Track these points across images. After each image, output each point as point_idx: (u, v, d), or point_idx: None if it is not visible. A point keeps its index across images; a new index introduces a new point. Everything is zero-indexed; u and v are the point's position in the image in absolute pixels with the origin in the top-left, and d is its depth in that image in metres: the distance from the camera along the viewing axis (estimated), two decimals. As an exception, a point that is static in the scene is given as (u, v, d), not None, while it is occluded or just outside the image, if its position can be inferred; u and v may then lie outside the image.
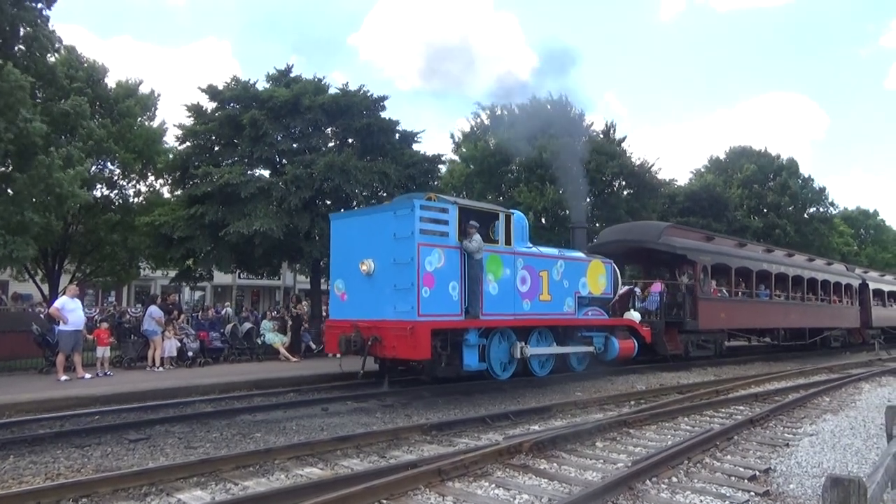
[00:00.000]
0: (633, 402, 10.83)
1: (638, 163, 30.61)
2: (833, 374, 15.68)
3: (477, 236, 10.88)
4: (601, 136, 31.08)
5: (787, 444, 7.48)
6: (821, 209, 41.91)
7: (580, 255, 14.27)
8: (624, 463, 6.40)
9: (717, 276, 19.36)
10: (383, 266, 10.68)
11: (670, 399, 10.96)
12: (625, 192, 30.47)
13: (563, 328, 13.28)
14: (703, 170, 44.16)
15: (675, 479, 5.92)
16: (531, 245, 13.02)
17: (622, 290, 15.87)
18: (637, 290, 17.56)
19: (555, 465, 6.42)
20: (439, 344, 10.50)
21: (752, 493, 5.53)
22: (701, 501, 5.34)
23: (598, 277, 14.11)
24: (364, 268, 10.86)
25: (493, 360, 11.75)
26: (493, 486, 5.67)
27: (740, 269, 20.05)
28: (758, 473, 6.13)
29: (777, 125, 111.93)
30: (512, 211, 12.58)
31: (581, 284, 13.60)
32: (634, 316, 15.18)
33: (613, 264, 14.83)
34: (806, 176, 41.59)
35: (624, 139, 31.26)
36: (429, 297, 10.22)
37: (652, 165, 31.33)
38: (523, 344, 12.01)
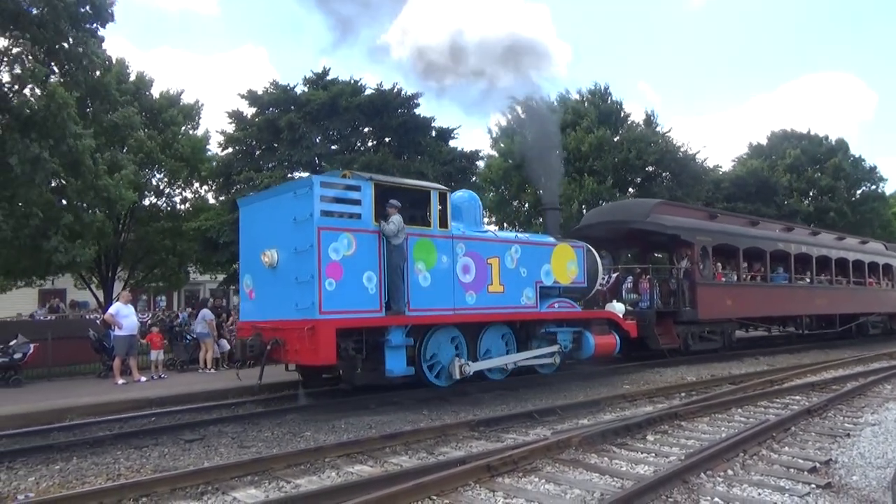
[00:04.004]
0: (683, 394, 10.61)
1: (682, 149, 30.00)
2: (894, 360, 15.07)
3: (396, 217, 9.35)
4: (640, 125, 30.58)
5: (848, 435, 7.22)
6: (873, 187, 40.31)
7: (544, 238, 12.48)
8: (677, 456, 6.27)
9: (724, 258, 17.66)
10: (287, 256, 9.32)
11: (722, 390, 10.70)
12: (665, 181, 29.90)
13: (523, 324, 11.64)
14: (744, 156, 43.01)
15: (731, 472, 5.77)
16: (487, 229, 11.40)
17: (608, 278, 14.46)
18: (630, 279, 15.96)
19: (605, 459, 6.33)
20: (352, 346, 9.16)
21: (813, 486, 5.35)
22: (759, 494, 5.19)
23: (566, 264, 12.22)
24: (266, 259, 9.50)
25: (430, 364, 10.35)
26: (544, 481, 5.63)
27: (750, 251, 17.86)
28: (818, 465, 5.92)
29: (822, 106, 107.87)
30: (448, 189, 10.86)
31: (544, 272, 11.79)
32: (617, 308, 13.22)
33: (588, 249, 12.87)
34: (856, 156, 40.10)
35: (669, 130, 30.76)
36: (334, 291, 8.79)
37: (698, 152, 30.76)
38: (464, 361, 10.38)
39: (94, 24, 15.07)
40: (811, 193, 37.58)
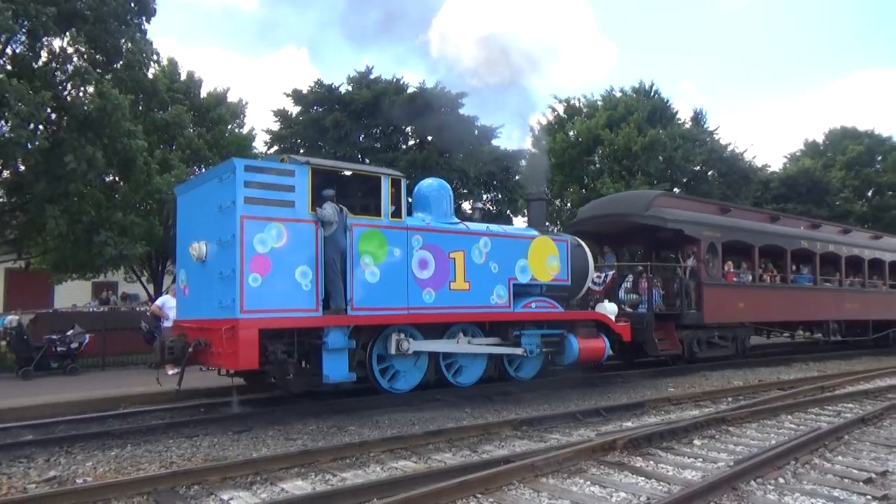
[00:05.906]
0: (730, 399, 10.40)
1: (729, 148, 29.44)
2: (954, 369, 14.45)
3: (329, 206, 8.57)
4: (686, 123, 30.06)
5: (905, 446, 6.98)
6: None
7: (521, 231, 11.57)
8: (725, 462, 6.16)
9: (741, 257, 16.35)
10: (214, 249, 8.56)
11: (771, 395, 10.45)
12: (714, 181, 29.35)
13: (493, 325, 10.59)
14: (798, 154, 41.79)
15: (781, 480, 5.64)
16: (458, 220, 10.56)
17: (605, 276, 13.61)
18: (629, 278, 14.55)
19: (651, 463, 6.25)
20: (281, 349, 8.31)
21: (869, 497, 5.19)
22: (812, 504, 5.07)
23: (545, 259, 11.12)
24: (194, 252, 8.74)
25: (384, 369, 9.60)
26: (589, 483, 5.59)
27: (767, 248, 16.33)
28: (874, 476, 5.74)
29: (872, 103, 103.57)
30: (402, 174, 9.78)
31: (519, 269, 10.73)
32: (608, 308, 12.07)
33: (575, 243, 11.85)
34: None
35: (717, 129, 30.26)
36: (260, 287, 8.03)
37: (745, 151, 30.18)
38: (401, 335, 9.35)
39: (140, 20, 15.57)
40: (868, 194, 36.22)
